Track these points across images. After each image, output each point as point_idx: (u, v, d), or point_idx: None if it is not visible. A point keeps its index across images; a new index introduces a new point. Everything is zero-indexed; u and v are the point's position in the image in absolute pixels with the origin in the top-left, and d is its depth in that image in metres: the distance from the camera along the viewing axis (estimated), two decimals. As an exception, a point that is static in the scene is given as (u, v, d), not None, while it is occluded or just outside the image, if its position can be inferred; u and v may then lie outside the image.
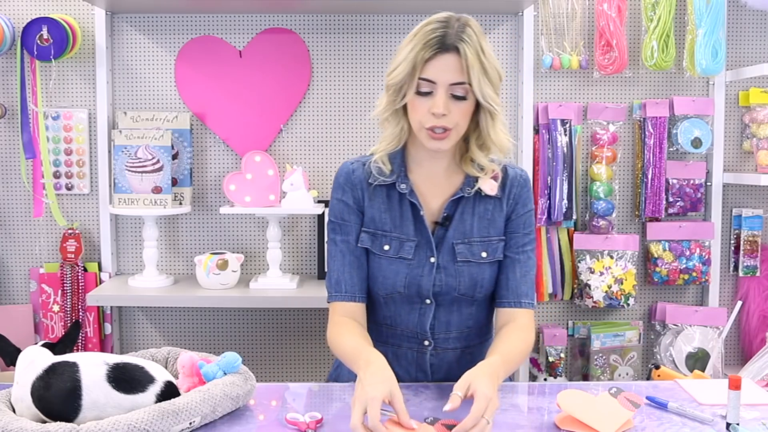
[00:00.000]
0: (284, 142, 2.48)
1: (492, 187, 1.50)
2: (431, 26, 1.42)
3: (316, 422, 1.27)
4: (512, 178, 1.54)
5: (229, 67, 2.43)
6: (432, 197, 1.52)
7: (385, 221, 1.51)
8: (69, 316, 2.39)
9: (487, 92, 1.40)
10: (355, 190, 1.53)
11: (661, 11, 2.38)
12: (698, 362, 2.40)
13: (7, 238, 2.48)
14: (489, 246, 1.51)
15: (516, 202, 1.53)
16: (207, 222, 2.50)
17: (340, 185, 1.54)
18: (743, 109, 2.50)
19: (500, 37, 2.46)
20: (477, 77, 1.38)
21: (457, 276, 1.49)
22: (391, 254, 1.49)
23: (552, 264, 2.49)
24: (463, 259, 1.49)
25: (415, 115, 1.43)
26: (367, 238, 1.52)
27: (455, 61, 1.38)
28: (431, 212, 1.52)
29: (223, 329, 2.52)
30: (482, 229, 1.51)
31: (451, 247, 1.49)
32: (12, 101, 2.42)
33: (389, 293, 1.51)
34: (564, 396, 1.31)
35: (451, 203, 1.50)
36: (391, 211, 1.51)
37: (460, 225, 1.50)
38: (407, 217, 1.51)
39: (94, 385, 1.20)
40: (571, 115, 2.43)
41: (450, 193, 1.51)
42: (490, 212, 1.52)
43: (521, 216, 1.53)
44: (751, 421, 1.30)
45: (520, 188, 1.53)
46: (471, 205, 1.51)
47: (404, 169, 1.52)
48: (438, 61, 1.39)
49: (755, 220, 2.49)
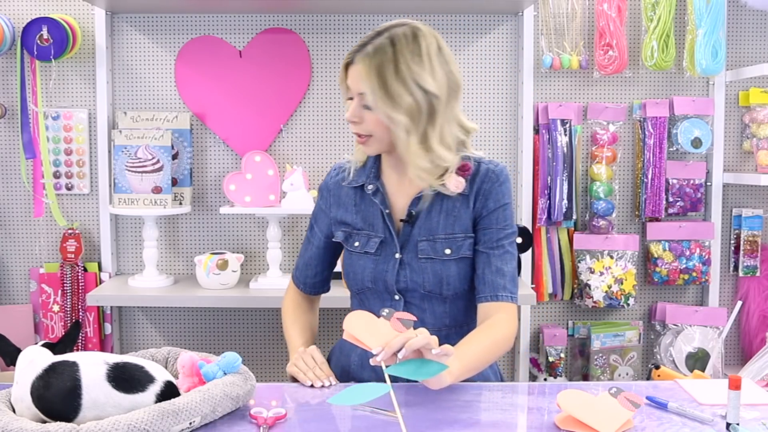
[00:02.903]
0: (284, 142, 2.48)
1: (458, 185, 1.50)
2: (369, 33, 1.47)
3: (276, 418, 1.28)
4: (482, 174, 1.52)
5: (229, 67, 2.43)
6: (400, 196, 1.56)
7: (356, 220, 1.58)
8: (69, 316, 2.39)
9: (384, 111, 1.41)
10: (330, 195, 1.63)
11: (661, 11, 2.38)
12: (698, 362, 2.40)
13: (7, 238, 2.48)
14: (453, 243, 1.51)
15: (486, 197, 1.51)
16: (207, 222, 2.50)
17: (320, 189, 1.66)
18: (743, 109, 2.50)
19: (500, 37, 2.46)
20: (371, 91, 1.41)
21: (421, 273, 1.51)
22: (359, 250, 1.56)
23: (552, 264, 2.49)
24: (426, 256, 1.51)
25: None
26: (342, 234, 1.59)
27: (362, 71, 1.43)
28: (399, 210, 1.56)
29: (223, 329, 2.52)
30: (448, 226, 1.52)
31: (415, 245, 1.52)
32: (12, 101, 2.42)
33: (360, 288, 1.57)
34: (564, 396, 1.31)
35: (416, 201, 1.53)
36: (361, 211, 1.58)
37: (425, 222, 1.52)
38: (376, 216, 1.56)
39: (94, 385, 1.20)
40: (571, 115, 2.43)
41: (416, 191, 1.53)
42: (456, 209, 1.52)
43: (493, 211, 1.51)
44: (751, 421, 1.30)
45: (490, 183, 1.51)
46: (439, 202, 1.52)
47: (376, 170, 1.58)
48: (352, 70, 1.46)
49: (755, 220, 2.49)
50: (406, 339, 1.20)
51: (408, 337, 1.21)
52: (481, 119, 2.48)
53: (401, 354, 1.19)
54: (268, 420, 1.27)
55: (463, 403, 1.39)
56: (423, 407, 1.35)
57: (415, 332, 1.23)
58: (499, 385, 1.54)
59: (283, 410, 1.31)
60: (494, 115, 2.48)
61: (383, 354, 1.19)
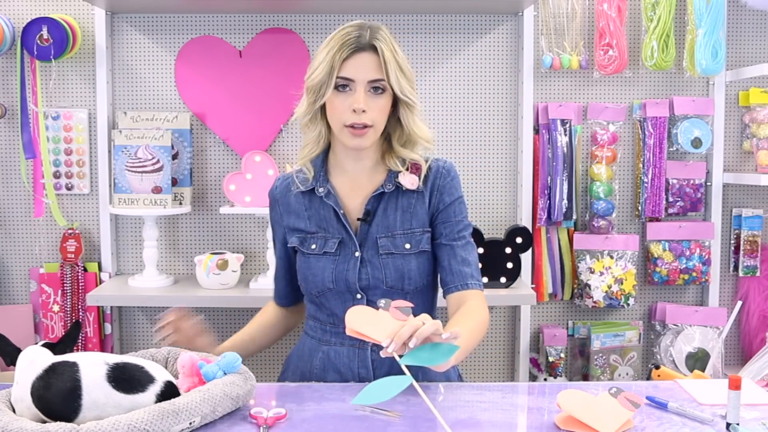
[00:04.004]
0: (284, 142, 2.48)
1: (412, 182, 1.57)
2: (346, 30, 1.51)
3: (276, 418, 1.28)
4: (435, 171, 1.60)
5: (229, 67, 2.43)
6: (353, 197, 1.59)
7: (309, 225, 1.60)
8: (69, 316, 2.39)
9: (404, 86, 1.50)
10: (277, 204, 1.67)
11: (661, 11, 2.38)
12: (698, 362, 2.40)
13: (7, 238, 2.48)
14: (412, 238, 1.56)
15: (441, 192, 1.58)
16: (207, 222, 2.50)
17: (270, 201, 1.70)
18: (743, 109, 2.50)
19: (500, 37, 2.46)
20: (394, 73, 1.48)
21: (382, 269, 1.54)
22: (317, 251, 1.57)
23: (552, 264, 2.49)
24: (386, 252, 1.54)
25: (335, 114, 1.51)
26: (296, 239, 1.61)
27: (372, 58, 1.48)
28: (353, 210, 1.59)
29: (223, 329, 2.52)
30: (405, 221, 1.56)
31: (375, 242, 1.55)
32: (12, 101, 2.42)
33: (320, 290, 1.57)
34: (564, 396, 1.31)
35: (373, 199, 1.57)
36: (314, 215, 1.60)
37: (383, 220, 1.56)
38: (330, 218, 1.58)
39: (94, 385, 1.20)
40: (571, 115, 2.43)
41: (371, 190, 1.58)
42: (413, 205, 1.57)
43: (450, 205, 1.59)
44: (751, 421, 1.30)
45: (443, 179, 1.59)
46: (394, 200, 1.57)
47: (324, 173, 1.60)
48: (355, 60, 1.48)
49: (755, 220, 2.49)
50: (414, 327, 1.21)
51: (416, 326, 1.21)
52: (481, 119, 2.48)
53: (412, 343, 1.20)
54: (268, 420, 1.27)
55: (464, 403, 1.39)
56: (423, 407, 1.35)
57: (419, 319, 1.23)
58: (499, 385, 1.54)
59: (283, 410, 1.31)
60: (494, 115, 2.48)
61: (393, 345, 1.19)
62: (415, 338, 1.20)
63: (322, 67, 1.49)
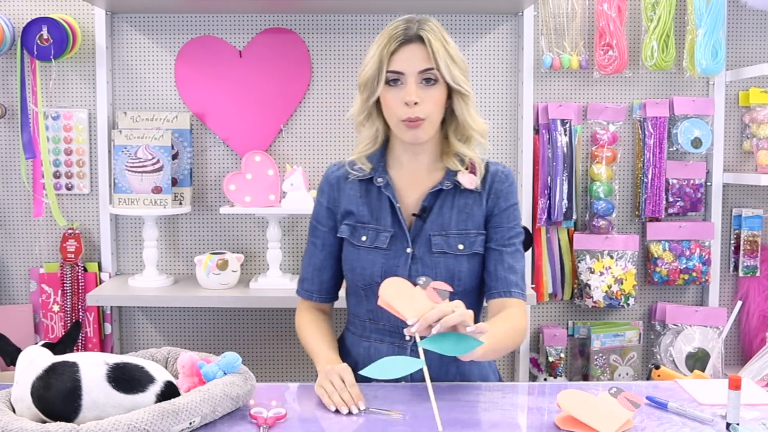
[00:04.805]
0: (284, 142, 2.48)
1: (471, 181, 1.54)
2: (394, 24, 1.50)
3: (276, 418, 1.28)
4: (493, 174, 1.57)
5: (229, 67, 2.43)
6: (410, 191, 1.57)
7: (363, 214, 1.56)
8: (69, 316, 2.39)
9: (456, 75, 1.47)
10: (332, 189, 1.61)
11: (661, 11, 2.38)
12: (698, 362, 2.40)
13: (7, 238, 2.48)
14: (466, 239, 1.53)
15: (498, 196, 1.56)
16: (207, 222, 2.50)
17: (320, 186, 1.64)
18: (743, 109, 2.50)
19: (500, 37, 2.46)
20: (444, 61, 1.45)
21: (433, 267, 1.52)
22: (368, 244, 1.54)
23: (552, 264, 2.49)
24: (439, 251, 1.52)
25: (389, 109, 1.49)
26: (346, 229, 1.58)
27: (420, 49, 1.46)
28: (409, 205, 1.56)
29: (223, 329, 2.52)
30: (460, 222, 1.54)
31: (428, 239, 1.53)
32: (12, 101, 2.42)
33: (367, 284, 1.54)
34: (564, 396, 1.31)
35: (430, 195, 1.54)
36: (368, 204, 1.57)
37: (438, 217, 1.54)
38: (384, 210, 1.56)
39: (94, 385, 1.20)
40: (571, 115, 2.43)
41: (429, 186, 1.55)
42: (469, 206, 1.55)
43: (505, 210, 1.56)
44: (751, 421, 1.30)
45: (501, 183, 1.57)
46: (450, 199, 1.55)
47: (383, 165, 1.58)
48: (403, 52, 1.46)
49: (755, 220, 2.49)
50: (442, 313, 1.20)
51: (444, 312, 1.20)
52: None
53: (435, 329, 1.19)
54: (268, 420, 1.27)
55: (464, 403, 1.39)
56: (423, 407, 1.35)
57: (451, 306, 1.22)
58: (499, 385, 1.54)
59: (283, 410, 1.31)
60: (494, 115, 2.48)
61: (418, 325, 1.19)
62: (440, 325, 1.19)
63: (372, 62, 1.47)
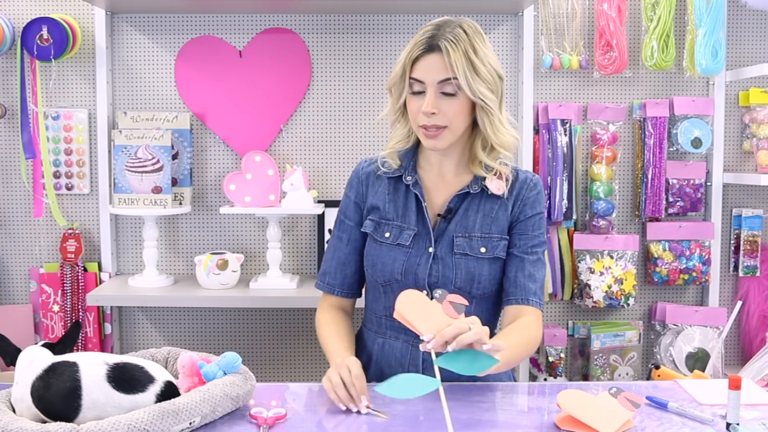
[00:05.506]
0: (284, 142, 2.48)
1: (499, 187, 1.55)
2: (423, 29, 1.48)
3: (276, 418, 1.28)
4: (521, 181, 1.58)
5: (229, 67, 2.43)
6: (438, 191, 1.58)
7: (389, 210, 1.57)
8: (69, 316, 2.39)
9: (477, 89, 1.45)
10: (361, 185, 1.62)
11: (661, 11, 2.38)
12: (698, 362, 2.40)
13: (7, 238, 2.48)
14: (489, 242, 1.54)
15: (524, 204, 1.56)
16: (207, 222, 2.50)
17: (350, 181, 1.65)
18: (743, 109, 2.50)
19: (500, 37, 2.46)
20: (463, 73, 1.43)
21: (454, 268, 1.52)
22: (390, 241, 1.55)
23: (552, 264, 2.49)
24: (461, 252, 1.52)
25: (411, 114, 1.51)
26: (370, 224, 1.59)
27: (440, 59, 1.44)
28: (435, 205, 1.57)
29: (223, 329, 2.52)
30: (485, 225, 1.54)
31: (451, 240, 1.53)
32: (12, 101, 2.42)
33: (387, 281, 1.55)
34: (564, 396, 1.31)
35: (457, 198, 1.55)
36: (395, 201, 1.58)
37: (463, 220, 1.54)
38: (410, 208, 1.56)
39: (94, 385, 1.21)
40: (571, 115, 2.43)
41: (456, 189, 1.56)
42: (495, 211, 1.55)
43: (530, 218, 1.57)
44: (751, 421, 1.30)
45: (528, 191, 1.57)
46: (477, 202, 1.56)
47: (414, 164, 1.59)
48: (424, 61, 1.45)
49: (755, 220, 2.49)
50: (458, 331, 1.19)
51: (461, 329, 1.20)
52: (481, 119, 2.47)
53: (451, 347, 1.19)
54: (268, 420, 1.27)
55: (464, 403, 1.39)
56: (423, 407, 1.35)
57: (467, 322, 1.22)
58: (499, 385, 1.54)
59: (283, 410, 1.31)
60: (494, 115, 2.48)
61: (434, 342, 1.18)
62: (456, 343, 1.18)
63: (397, 68, 1.48)
